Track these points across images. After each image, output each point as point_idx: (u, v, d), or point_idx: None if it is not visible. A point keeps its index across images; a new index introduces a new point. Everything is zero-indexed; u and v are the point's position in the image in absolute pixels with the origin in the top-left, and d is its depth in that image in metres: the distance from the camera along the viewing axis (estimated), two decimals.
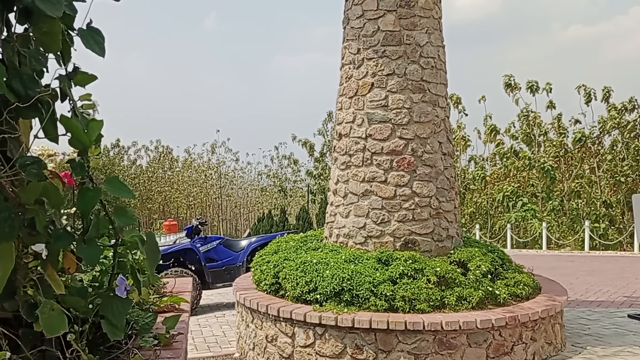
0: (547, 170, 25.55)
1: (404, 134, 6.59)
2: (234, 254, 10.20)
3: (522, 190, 27.21)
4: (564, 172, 27.06)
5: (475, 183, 31.53)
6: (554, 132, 27.49)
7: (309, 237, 7.43)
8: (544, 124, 26.94)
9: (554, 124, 27.06)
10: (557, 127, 26.92)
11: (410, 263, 6.13)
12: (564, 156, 26.72)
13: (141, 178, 57.82)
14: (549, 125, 27.09)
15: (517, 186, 27.11)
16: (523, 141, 27.13)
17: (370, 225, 6.56)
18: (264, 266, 6.65)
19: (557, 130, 27.03)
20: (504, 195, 26.26)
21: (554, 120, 26.79)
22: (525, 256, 17.67)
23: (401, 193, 6.51)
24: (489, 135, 27.39)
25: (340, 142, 7.01)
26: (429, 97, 6.76)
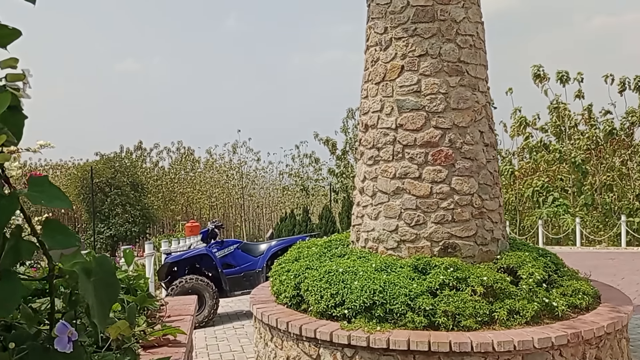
0: (579, 164, 24.36)
1: (439, 123, 5.72)
2: (253, 259, 9.43)
3: (552, 185, 26.02)
4: (595, 165, 25.81)
5: (502, 178, 30.38)
6: (583, 124, 26.26)
7: (333, 241, 6.59)
8: (574, 115, 25.72)
9: (584, 115, 25.82)
10: (587, 118, 25.67)
11: (452, 271, 5.26)
12: (595, 148, 25.46)
13: (164, 180, 57.58)
14: (579, 117, 25.86)
15: (546, 180, 25.93)
16: (553, 134, 25.94)
17: (404, 228, 5.70)
18: (284, 276, 5.83)
19: (587, 121, 25.79)
20: (534, 190, 25.11)
21: (584, 112, 25.54)
22: (559, 253, 16.58)
23: (438, 191, 5.64)
24: (518, 128, 26.23)
25: (367, 134, 6.16)
26: (467, 80, 5.87)
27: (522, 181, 27.39)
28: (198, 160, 60.76)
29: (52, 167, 67.44)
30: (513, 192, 30.62)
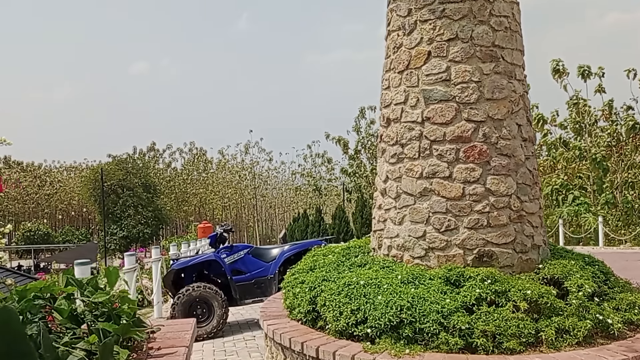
0: (600, 161, 23.45)
1: (472, 115, 5.02)
2: (265, 264, 8.78)
3: (571, 183, 25.14)
4: (616, 162, 24.88)
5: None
6: (604, 120, 25.34)
7: (352, 248, 5.91)
8: (594, 111, 24.81)
9: (604, 111, 24.89)
10: (608, 114, 24.74)
11: (489, 284, 4.57)
12: (616, 145, 24.53)
13: (176, 180, 57.24)
14: (599, 112, 24.94)
15: (565, 179, 25.06)
16: (572, 130, 25.06)
17: (432, 234, 5.01)
18: (298, 288, 5.17)
19: (608, 117, 24.86)
20: (553, 188, 24.24)
21: (605, 107, 24.62)
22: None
23: (471, 192, 4.95)
24: (535, 125, 25.36)
25: (389, 129, 5.48)
26: (503, 66, 5.17)
27: (540, 179, 26.53)
28: (210, 160, 60.37)
29: (67, 168, 67.44)
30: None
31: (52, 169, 65.92)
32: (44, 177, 62.00)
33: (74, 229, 55.95)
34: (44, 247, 50.79)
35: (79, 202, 56.49)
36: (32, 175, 61.16)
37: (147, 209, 39.84)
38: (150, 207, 40.30)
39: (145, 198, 40.05)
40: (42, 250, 52.22)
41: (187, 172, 58.01)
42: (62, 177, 63.83)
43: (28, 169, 62.59)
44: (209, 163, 59.85)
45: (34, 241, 49.71)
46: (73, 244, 50.97)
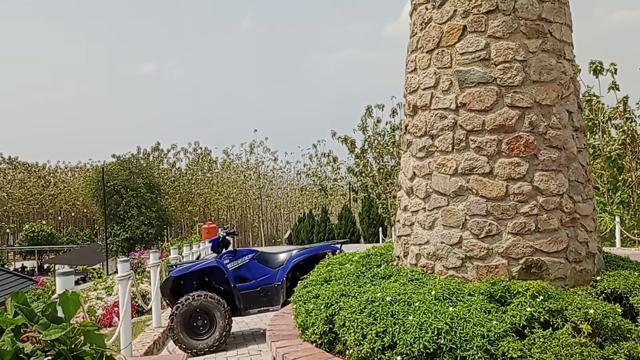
0: (614, 159, 22.60)
1: (516, 100, 4.24)
2: (271, 270, 8.00)
3: None
4: (631, 160, 24.00)
5: None
6: (618, 117, 24.46)
7: (373, 256, 5.12)
8: (607, 109, 23.94)
9: (618, 108, 24.02)
10: (622, 111, 23.87)
11: (542, 301, 3.78)
12: (632, 143, 23.66)
13: (181, 181, 56.57)
14: (612, 110, 24.06)
15: None
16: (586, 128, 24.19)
17: (470, 240, 4.23)
18: (311, 304, 4.38)
19: (622, 114, 23.98)
20: None
21: (619, 104, 23.74)
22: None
23: (516, 190, 4.16)
24: None
25: (416, 118, 4.69)
26: (551, 43, 4.38)
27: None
28: (215, 160, 59.68)
29: (71, 169, 66.91)
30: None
31: (56, 169, 65.39)
32: (48, 178, 61.47)
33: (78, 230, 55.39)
34: (47, 248, 50.27)
35: (83, 202, 55.87)
36: (37, 175, 60.64)
37: (151, 210, 39.12)
38: (154, 208, 39.58)
39: (149, 198, 39.33)
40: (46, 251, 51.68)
41: (192, 172, 57.35)
42: (66, 178, 63.28)
43: (32, 169, 62.06)
44: (213, 163, 59.19)
45: (37, 242, 49.16)
46: (77, 245, 50.42)
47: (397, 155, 36.62)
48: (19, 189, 58.25)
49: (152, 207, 39.41)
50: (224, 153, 58.71)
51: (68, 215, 62.62)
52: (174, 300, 7.75)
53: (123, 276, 7.34)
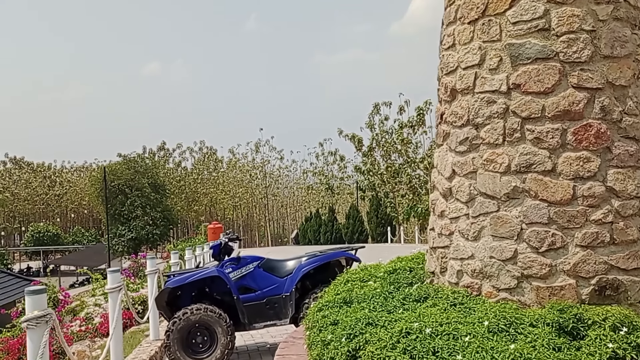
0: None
1: (584, 79, 3.37)
2: (278, 280, 7.15)
3: None
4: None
5: None
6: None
7: (401, 271, 4.25)
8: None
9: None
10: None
11: (625, 334, 2.92)
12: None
13: (186, 180, 55.80)
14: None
15: None
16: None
17: (527, 254, 3.36)
18: (329, 333, 3.52)
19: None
20: None
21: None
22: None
23: (586, 192, 3.30)
24: None
25: (455, 104, 3.83)
26: (624, 10, 3.51)
27: None
28: (221, 160, 58.87)
29: (77, 169, 66.29)
30: None
31: (62, 169, 64.80)
32: (53, 178, 60.86)
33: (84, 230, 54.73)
34: (52, 248, 49.62)
35: (89, 202, 55.25)
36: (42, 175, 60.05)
37: (156, 210, 38.37)
38: (159, 208, 38.83)
39: (154, 198, 38.58)
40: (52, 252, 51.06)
41: (198, 171, 56.61)
42: (72, 178, 62.66)
43: (38, 169, 61.48)
44: (219, 162, 58.42)
45: (43, 242, 48.53)
46: (83, 245, 49.75)
47: (404, 154, 35.74)
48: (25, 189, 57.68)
49: (157, 207, 38.66)
50: (229, 152, 57.97)
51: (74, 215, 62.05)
52: (170, 313, 6.91)
53: (113, 288, 6.53)
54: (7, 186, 56.55)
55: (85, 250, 45.39)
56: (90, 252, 42.08)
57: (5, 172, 59.76)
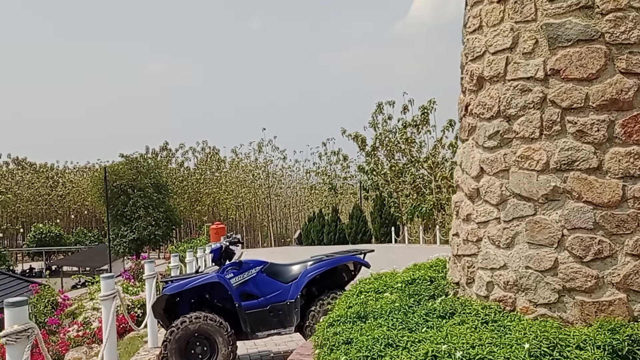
0: None
1: (633, 64, 2.92)
2: (283, 286, 6.71)
3: None
4: None
5: None
6: None
7: (420, 281, 3.79)
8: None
9: None
10: None
11: None
12: None
13: (189, 180, 55.40)
14: None
15: None
16: None
17: (570, 265, 2.92)
18: (341, 353, 3.05)
19: None
20: None
21: None
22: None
23: (637, 193, 2.86)
24: None
25: (483, 93, 3.39)
26: None
27: None
28: (223, 160, 58.46)
29: (80, 169, 65.96)
30: None
31: (65, 169, 64.48)
32: (56, 178, 60.55)
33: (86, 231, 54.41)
34: (55, 249, 49.30)
35: (91, 203, 54.95)
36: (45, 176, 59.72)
37: (158, 210, 37.96)
38: (162, 208, 38.42)
39: (156, 199, 38.18)
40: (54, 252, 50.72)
41: (200, 171, 56.23)
42: (74, 178, 62.34)
43: (41, 169, 61.17)
44: (222, 162, 58.04)
45: (45, 243, 48.19)
46: (85, 246, 49.42)
47: (408, 153, 35.30)
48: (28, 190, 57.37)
49: (159, 208, 38.26)
50: (232, 152, 57.58)
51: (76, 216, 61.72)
52: (168, 322, 6.48)
53: (106, 295, 6.11)
54: (9, 187, 56.25)
55: (88, 250, 45.05)
56: (93, 253, 41.72)
57: (7, 173, 59.49)
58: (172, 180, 50.55)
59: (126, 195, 37.50)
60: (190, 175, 55.64)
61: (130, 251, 37.19)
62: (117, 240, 37.59)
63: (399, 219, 34.30)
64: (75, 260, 42.82)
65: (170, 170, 54.05)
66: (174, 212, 41.08)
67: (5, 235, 53.87)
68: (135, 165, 39.29)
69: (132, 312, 10.99)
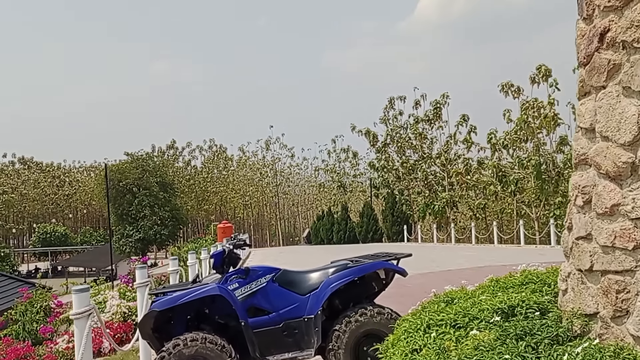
0: None
1: None
2: (299, 298, 5.38)
3: None
4: None
5: (569, 168, 25.90)
6: None
7: (523, 310, 2.45)
8: None
9: None
10: None
11: None
12: None
13: (196, 179, 54.18)
14: None
15: None
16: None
17: None
18: None
19: None
20: None
21: None
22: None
23: None
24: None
25: (632, 10, 2.07)
26: None
27: None
28: (231, 158, 57.19)
29: (86, 169, 64.90)
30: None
31: (71, 169, 63.47)
32: (63, 178, 59.51)
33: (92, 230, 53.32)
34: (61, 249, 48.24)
35: (98, 202, 53.89)
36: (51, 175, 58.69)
37: (164, 209, 36.76)
38: (168, 207, 37.22)
39: (162, 197, 36.98)
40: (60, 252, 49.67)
41: (207, 170, 55.02)
42: (81, 177, 61.31)
43: (47, 169, 60.16)
44: (229, 160, 56.79)
45: (50, 243, 47.15)
46: (91, 246, 48.32)
47: (420, 150, 33.92)
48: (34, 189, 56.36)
49: (165, 207, 37.07)
50: (239, 150, 56.31)
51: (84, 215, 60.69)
52: (159, 343, 5.18)
53: (79, 314, 4.84)
54: (15, 186, 55.27)
55: (93, 250, 43.96)
56: (98, 253, 40.60)
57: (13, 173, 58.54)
58: (179, 179, 49.36)
59: (131, 194, 36.34)
60: (197, 173, 54.44)
61: (136, 251, 36.03)
62: (123, 240, 36.44)
63: (410, 217, 32.95)
64: (81, 261, 41.72)
65: (176, 168, 52.88)
66: (181, 211, 39.87)
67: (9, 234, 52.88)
68: (140, 163, 38.12)
69: (129, 320, 9.79)
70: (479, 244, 25.88)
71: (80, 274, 40.02)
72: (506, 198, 29.24)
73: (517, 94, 27.51)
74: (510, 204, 28.97)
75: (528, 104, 26.53)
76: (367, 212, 33.82)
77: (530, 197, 27.07)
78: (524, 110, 26.53)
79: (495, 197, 28.32)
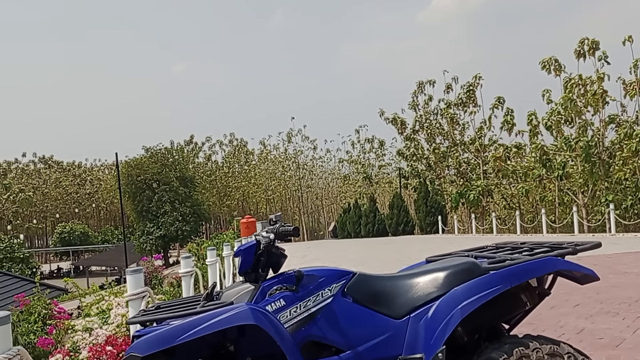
0: None
1: None
2: (391, 323, 2.98)
3: None
4: None
5: (620, 150, 23.11)
6: None
7: None
8: None
9: None
10: None
11: None
12: None
13: (217, 174, 52.21)
14: None
15: None
16: None
17: None
18: None
19: None
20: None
21: None
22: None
23: None
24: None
25: None
26: None
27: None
28: (252, 152, 55.13)
29: (107, 166, 63.47)
30: (632, 166, 23.32)
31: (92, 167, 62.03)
32: (84, 176, 58.04)
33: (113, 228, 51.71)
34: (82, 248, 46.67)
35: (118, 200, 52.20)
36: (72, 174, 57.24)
37: (185, 205, 34.70)
38: (188, 203, 35.15)
39: (182, 193, 34.91)
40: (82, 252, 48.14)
41: (228, 164, 52.98)
42: (103, 175, 59.84)
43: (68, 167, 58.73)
44: (250, 154, 54.68)
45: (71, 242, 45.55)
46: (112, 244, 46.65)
47: (451, 135, 31.35)
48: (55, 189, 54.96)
49: (186, 202, 35.01)
50: (260, 144, 54.13)
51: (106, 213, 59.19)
52: None
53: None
54: (37, 186, 53.93)
55: (115, 249, 42.18)
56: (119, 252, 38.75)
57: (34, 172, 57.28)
58: (200, 174, 47.38)
59: (151, 189, 34.36)
60: (218, 169, 52.42)
61: (157, 249, 34.06)
62: (144, 238, 34.48)
63: (444, 207, 30.42)
64: (102, 260, 39.97)
65: (197, 164, 50.93)
66: (202, 206, 37.76)
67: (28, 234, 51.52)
68: (159, 158, 36.11)
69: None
70: (525, 234, 23.30)
71: (102, 273, 38.22)
72: (548, 184, 26.60)
73: (559, 72, 24.84)
74: (553, 190, 26.31)
75: (573, 81, 23.83)
76: (397, 203, 31.36)
77: (577, 182, 24.36)
78: (569, 88, 23.83)
79: (539, 182, 25.63)
